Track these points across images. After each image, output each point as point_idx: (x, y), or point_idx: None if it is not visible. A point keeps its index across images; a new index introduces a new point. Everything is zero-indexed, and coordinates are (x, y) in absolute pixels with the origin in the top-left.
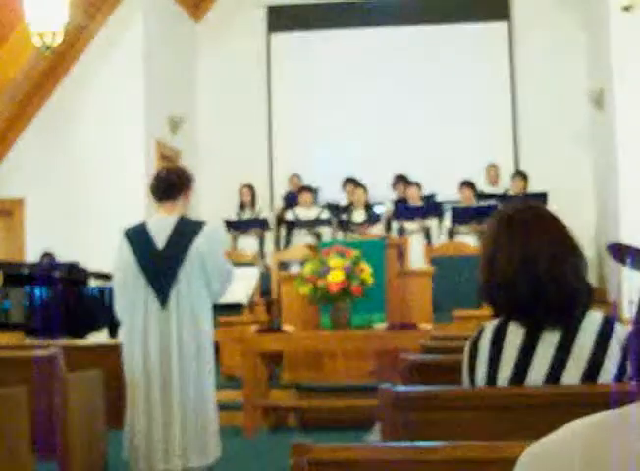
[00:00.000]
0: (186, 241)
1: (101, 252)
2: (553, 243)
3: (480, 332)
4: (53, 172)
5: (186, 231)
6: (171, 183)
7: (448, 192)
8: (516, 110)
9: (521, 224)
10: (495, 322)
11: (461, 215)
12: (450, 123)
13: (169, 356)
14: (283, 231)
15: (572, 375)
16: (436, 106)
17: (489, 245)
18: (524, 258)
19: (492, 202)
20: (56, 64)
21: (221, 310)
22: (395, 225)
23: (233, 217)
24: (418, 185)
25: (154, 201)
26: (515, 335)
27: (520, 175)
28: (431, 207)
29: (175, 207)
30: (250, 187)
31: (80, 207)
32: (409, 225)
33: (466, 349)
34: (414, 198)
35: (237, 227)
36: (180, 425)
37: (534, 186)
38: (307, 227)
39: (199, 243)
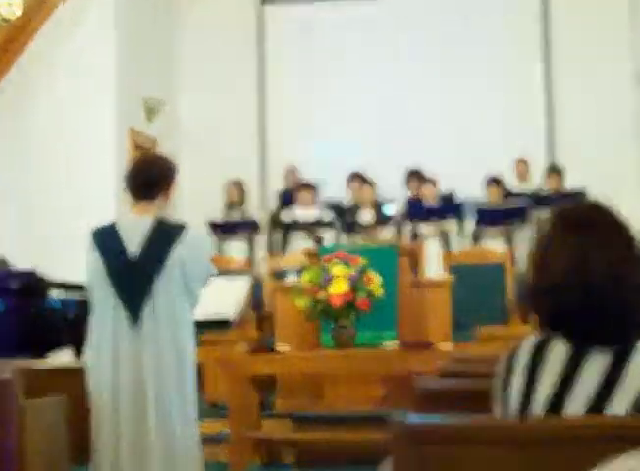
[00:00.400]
0: (164, 248)
1: (64, 258)
2: (614, 248)
3: (517, 348)
4: (5, 163)
5: (164, 235)
6: (151, 177)
7: (469, 190)
8: (550, 95)
9: (580, 223)
10: (535, 337)
11: (487, 216)
12: (472, 109)
13: (143, 387)
14: (277, 234)
15: (620, 406)
16: (457, 90)
17: (540, 244)
18: (578, 261)
19: (522, 202)
20: (12, 38)
21: (204, 327)
22: (408, 228)
23: (218, 218)
24: (435, 182)
25: (130, 198)
26: (558, 353)
27: (555, 170)
28: (450, 207)
29: (152, 206)
30: (239, 183)
31: (39, 205)
32: (425, 228)
33: (499, 368)
34: (430, 197)
35: (223, 229)
36: (157, 467)
37: (570, 183)
38: (306, 229)
39: (180, 250)
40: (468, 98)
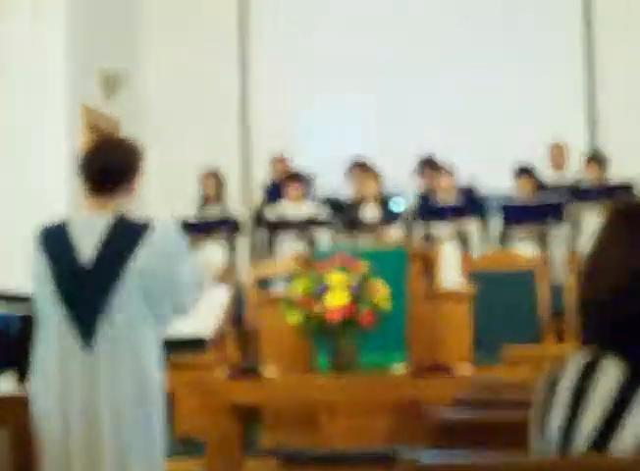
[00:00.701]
0: (124, 252)
1: (7, 264)
2: None
3: (561, 369)
4: None
5: (124, 236)
6: (110, 164)
7: (494, 183)
8: (592, 71)
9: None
10: (584, 353)
11: (515, 214)
12: (497, 86)
13: (97, 424)
14: (263, 234)
15: None
16: (479, 62)
17: (595, 246)
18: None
19: (558, 196)
20: None
21: (175, 347)
22: (419, 227)
23: (192, 216)
24: (452, 173)
25: (84, 191)
26: (609, 377)
27: (596, 158)
28: (470, 203)
29: (111, 200)
30: (217, 174)
31: None
32: (440, 228)
33: (538, 394)
34: (447, 191)
35: (198, 229)
36: None
37: (615, 174)
38: (297, 229)
39: (144, 254)
40: (493, 76)
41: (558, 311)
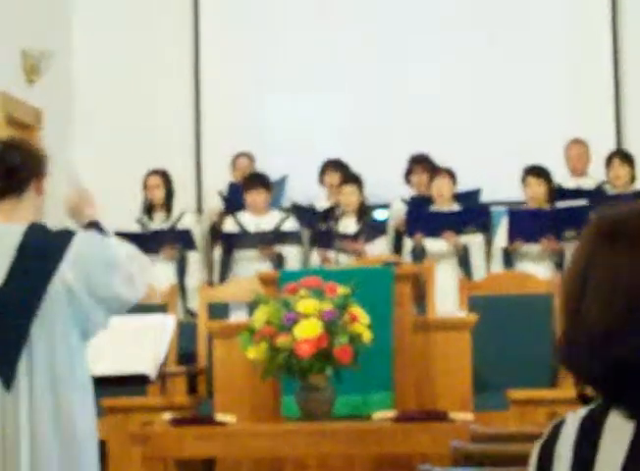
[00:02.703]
0: (42, 269)
1: None
2: None
3: (557, 427)
4: None
5: (41, 249)
6: (11, 167)
7: (501, 188)
8: (619, 59)
9: (632, 239)
10: (583, 411)
11: (526, 224)
12: (504, 73)
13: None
14: (218, 251)
15: None
16: (480, 44)
17: (577, 273)
18: (633, 296)
19: (579, 202)
20: None
21: (109, 387)
22: (409, 242)
23: (132, 227)
24: (451, 174)
25: None
26: (618, 433)
27: (624, 158)
28: (472, 212)
29: (19, 208)
30: (165, 174)
31: None
32: (435, 243)
33: (533, 458)
34: (444, 196)
35: (140, 244)
36: None
37: None
38: (261, 244)
39: (68, 272)
40: (500, 60)
41: None
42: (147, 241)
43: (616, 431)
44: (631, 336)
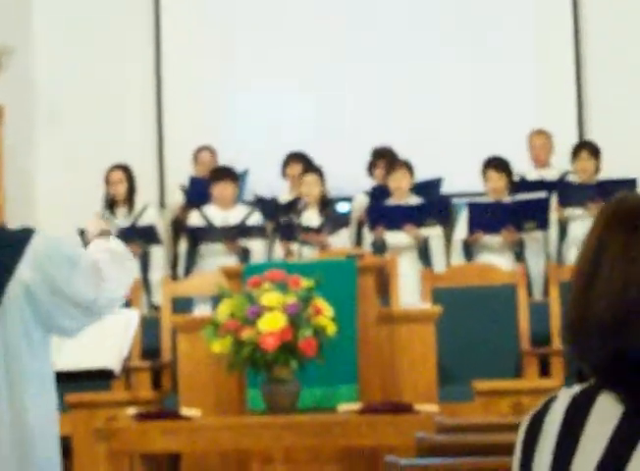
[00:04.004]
0: (1, 266)
1: None
2: None
3: (548, 403)
4: None
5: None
6: None
7: (461, 179)
8: (580, 50)
9: None
10: (576, 389)
11: (486, 216)
12: (467, 64)
13: None
14: (182, 246)
15: None
16: (443, 36)
17: (588, 258)
18: None
19: (538, 194)
20: None
21: (72, 382)
22: (369, 234)
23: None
24: (408, 167)
25: None
26: (606, 416)
27: (589, 149)
28: (433, 204)
29: None
30: (127, 169)
31: None
32: (396, 236)
33: (522, 429)
34: (404, 189)
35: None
36: None
37: (610, 169)
38: (225, 238)
39: (25, 270)
40: (463, 49)
41: (541, 337)
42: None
43: (604, 413)
44: (636, 325)
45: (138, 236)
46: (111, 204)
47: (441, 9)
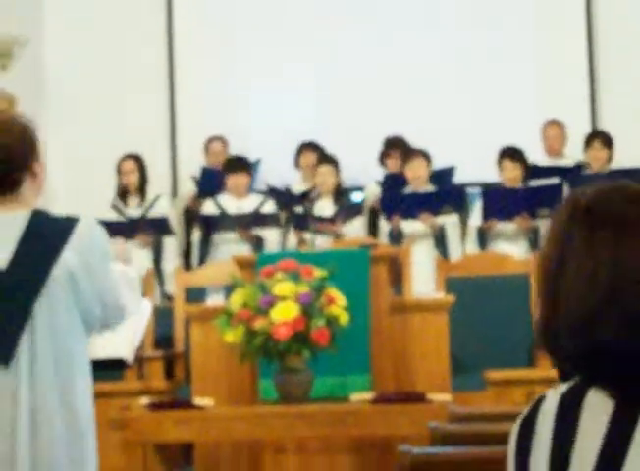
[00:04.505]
0: (46, 252)
1: None
2: None
3: (537, 405)
4: None
5: (45, 234)
6: (7, 154)
7: (476, 168)
8: (593, 39)
9: (612, 220)
10: (563, 388)
11: (500, 203)
12: (480, 53)
13: (12, 454)
14: (196, 235)
15: None
16: (456, 25)
17: (552, 255)
18: (614, 280)
19: (553, 180)
20: None
21: None
22: (385, 224)
23: (107, 214)
24: (426, 156)
25: None
26: (598, 411)
27: (601, 139)
28: (447, 192)
29: (20, 196)
30: (139, 159)
31: None
32: (410, 224)
33: (513, 435)
34: (419, 178)
35: (115, 230)
36: None
37: (622, 158)
38: (238, 227)
39: (70, 256)
40: (476, 41)
41: None
42: (123, 229)
43: (596, 408)
44: (611, 322)
45: (150, 227)
46: (123, 194)
47: None
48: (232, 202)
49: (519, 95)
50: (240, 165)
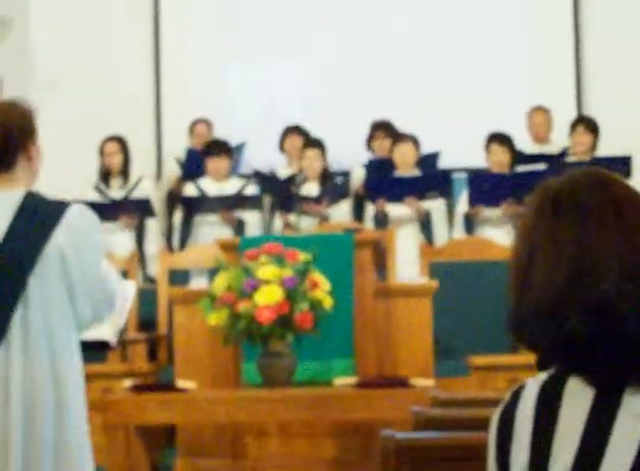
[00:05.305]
0: (39, 231)
1: None
2: (631, 243)
3: (517, 393)
4: None
5: (39, 214)
6: (4, 134)
7: (461, 153)
8: (580, 26)
9: (577, 207)
10: (543, 377)
11: (486, 189)
12: (467, 39)
13: (6, 427)
14: (178, 217)
15: None
16: (443, 12)
17: (523, 243)
18: (581, 267)
19: (539, 166)
20: None
21: None
22: (370, 207)
23: (90, 195)
24: (414, 140)
25: None
26: (579, 398)
27: (587, 125)
28: (433, 177)
29: (15, 175)
30: (121, 140)
31: None
32: (396, 208)
33: (494, 424)
34: (406, 162)
35: (97, 212)
36: None
37: (607, 146)
38: (221, 209)
39: (61, 237)
40: (462, 26)
41: None
42: (106, 210)
43: (576, 396)
44: (573, 308)
45: (133, 209)
46: (105, 176)
47: None
48: (212, 185)
49: (507, 81)
50: (221, 148)
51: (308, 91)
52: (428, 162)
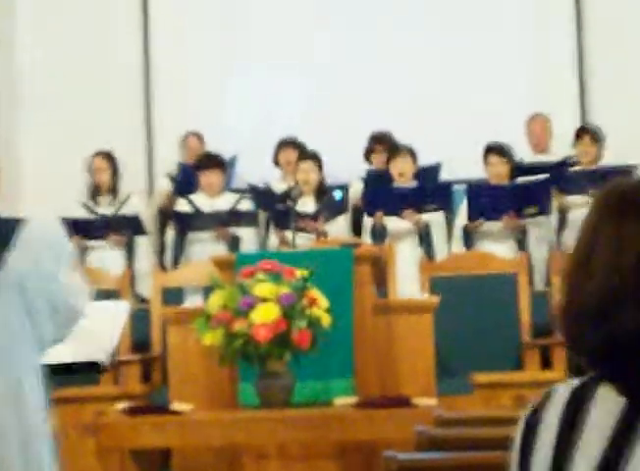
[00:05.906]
0: None
1: None
2: None
3: (548, 396)
4: None
5: None
6: None
7: (460, 166)
8: (582, 33)
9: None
10: (576, 382)
11: (486, 201)
12: (466, 49)
13: None
14: (169, 234)
15: None
16: (441, 20)
17: (583, 245)
18: (636, 267)
19: (539, 177)
20: None
21: (60, 376)
22: (369, 221)
23: (78, 212)
24: (412, 153)
25: None
26: (607, 406)
27: (590, 134)
28: (432, 189)
29: None
30: (110, 156)
31: None
32: (396, 222)
33: (521, 422)
34: (404, 175)
35: (85, 230)
36: None
37: (612, 154)
38: (215, 226)
39: (17, 258)
40: (461, 34)
41: (543, 327)
42: (94, 228)
43: (607, 403)
44: (627, 311)
45: (122, 226)
46: (94, 192)
47: None
48: (205, 201)
49: (507, 92)
50: (213, 162)
51: (303, 103)
52: (429, 174)
